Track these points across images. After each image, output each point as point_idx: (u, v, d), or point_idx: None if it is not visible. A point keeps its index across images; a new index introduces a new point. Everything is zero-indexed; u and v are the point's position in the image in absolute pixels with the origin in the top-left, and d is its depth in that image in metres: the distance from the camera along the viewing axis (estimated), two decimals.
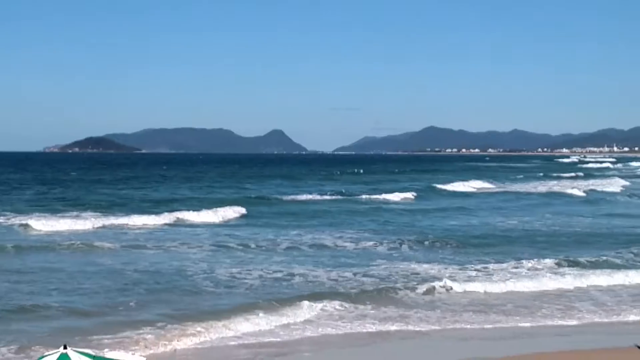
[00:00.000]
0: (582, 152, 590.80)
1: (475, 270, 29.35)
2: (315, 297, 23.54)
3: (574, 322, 22.09)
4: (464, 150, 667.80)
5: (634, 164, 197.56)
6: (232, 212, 49.85)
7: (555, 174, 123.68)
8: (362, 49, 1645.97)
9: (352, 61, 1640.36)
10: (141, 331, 19.38)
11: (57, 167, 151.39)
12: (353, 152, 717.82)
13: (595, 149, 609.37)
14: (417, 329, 21.08)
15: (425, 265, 30.21)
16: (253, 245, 35.44)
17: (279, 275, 27.86)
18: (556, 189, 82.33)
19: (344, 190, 77.08)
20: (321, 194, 71.12)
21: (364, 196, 68.91)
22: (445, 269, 29.55)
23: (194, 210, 48.90)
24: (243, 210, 51.14)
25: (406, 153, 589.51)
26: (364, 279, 27.42)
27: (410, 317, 22.17)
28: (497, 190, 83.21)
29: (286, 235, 39.62)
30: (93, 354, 12.16)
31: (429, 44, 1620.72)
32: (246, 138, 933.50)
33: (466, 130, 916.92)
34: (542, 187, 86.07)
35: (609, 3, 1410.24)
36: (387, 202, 65.19)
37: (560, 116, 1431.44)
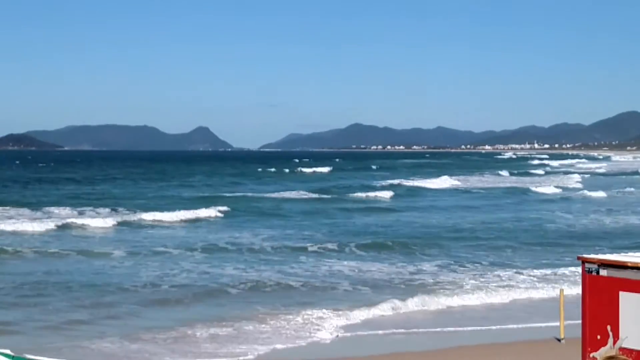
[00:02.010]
0: (504, 148, 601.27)
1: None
2: None
3: (494, 316, 22.39)
4: (389, 147, 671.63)
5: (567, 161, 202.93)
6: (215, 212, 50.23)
7: (515, 171, 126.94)
8: (287, 46, 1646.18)
9: (277, 59, 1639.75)
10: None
11: None
12: (279, 149, 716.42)
13: (517, 146, 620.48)
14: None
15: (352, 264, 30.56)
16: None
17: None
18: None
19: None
20: (292, 191, 71.72)
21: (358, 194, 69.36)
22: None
23: (168, 211, 48.66)
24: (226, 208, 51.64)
25: (332, 150, 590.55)
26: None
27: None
28: (488, 186, 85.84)
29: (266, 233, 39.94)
30: (12, 354, 11.96)
31: (353, 42, 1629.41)
32: (171, 135, 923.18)
33: (391, 127, 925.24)
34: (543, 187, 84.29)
35: (523, 5, 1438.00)
36: (377, 200, 65.66)
37: (483, 114, 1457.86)
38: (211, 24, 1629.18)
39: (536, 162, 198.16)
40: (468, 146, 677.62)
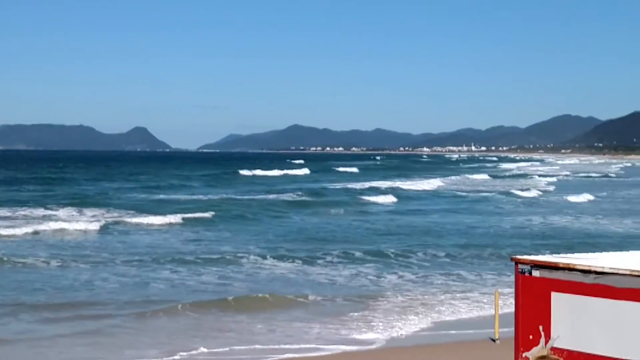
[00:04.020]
0: (442, 150, 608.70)
1: None
2: None
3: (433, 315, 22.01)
4: (328, 148, 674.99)
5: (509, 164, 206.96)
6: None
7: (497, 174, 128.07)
8: (225, 47, 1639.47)
9: (217, 59, 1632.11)
10: None
11: None
12: (218, 150, 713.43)
13: (454, 148, 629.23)
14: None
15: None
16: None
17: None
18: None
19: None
20: (280, 193, 70.71)
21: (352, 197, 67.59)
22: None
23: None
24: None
25: (272, 151, 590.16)
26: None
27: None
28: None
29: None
30: None
31: (292, 42, 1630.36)
32: (108, 135, 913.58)
33: (330, 128, 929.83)
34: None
35: (459, 12, 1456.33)
36: (376, 203, 63.31)
37: (421, 116, 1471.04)
38: (150, 24, 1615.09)
39: (490, 165, 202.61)
40: (407, 148, 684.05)
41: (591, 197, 68.67)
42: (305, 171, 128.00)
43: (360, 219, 49.35)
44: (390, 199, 65.72)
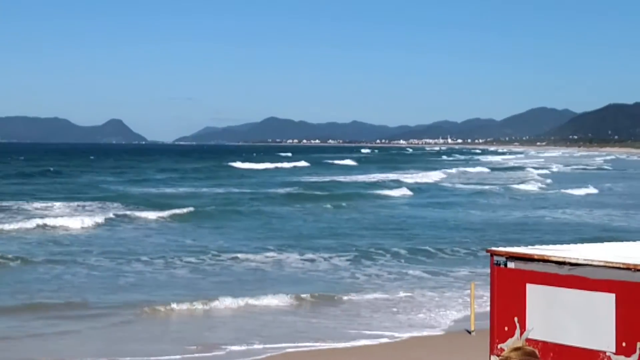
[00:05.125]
0: (419, 142, 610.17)
1: None
2: None
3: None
4: (304, 141, 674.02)
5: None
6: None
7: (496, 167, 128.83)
8: (203, 41, 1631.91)
9: (193, 52, 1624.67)
10: None
11: None
12: (194, 143, 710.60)
13: (431, 141, 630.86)
14: None
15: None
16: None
17: None
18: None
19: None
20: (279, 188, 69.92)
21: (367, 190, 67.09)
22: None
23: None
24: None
25: (248, 144, 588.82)
26: None
27: None
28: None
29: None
30: None
31: (268, 37, 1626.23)
32: (83, 127, 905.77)
33: (307, 121, 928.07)
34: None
35: (435, 5, 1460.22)
36: (390, 196, 63.20)
37: (397, 109, 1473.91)
38: (127, 15, 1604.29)
39: (477, 157, 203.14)
40: (383, 140, 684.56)
41: (594, 190, 68.65)
42: (303, 164, 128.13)
43: (395, 211, 50.29)
44: (404, 191, 66.03)
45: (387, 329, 19.93)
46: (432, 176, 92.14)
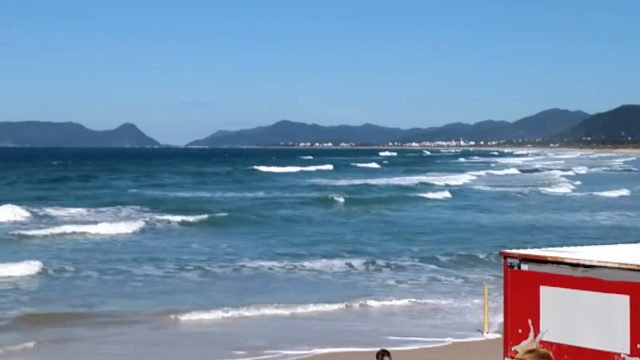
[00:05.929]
0: (432, 145, 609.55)
1: None
2: None
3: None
4: (317, 144, 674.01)
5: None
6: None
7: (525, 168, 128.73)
8: (214, 45, 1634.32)
9: (205, 56, 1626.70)
10: None
11: None
12: (207, 146, 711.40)
13: (443, 143, 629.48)
14: None
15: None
16: None
17: None
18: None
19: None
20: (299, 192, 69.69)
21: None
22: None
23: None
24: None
25: (261, 147, 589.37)
26: None
27: None
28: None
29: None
30: None
31: (280, 37, 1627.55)
32: (97, 132, 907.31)
33: (319, 124, 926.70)
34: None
35: (446, 5, 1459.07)
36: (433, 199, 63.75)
37: (410, 111, 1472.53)
38: (139, 19, 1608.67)
39: (496, 159, 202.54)
40: (396, 143, 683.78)
41: (627, 192, 67.94)
42: (328, 167, 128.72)
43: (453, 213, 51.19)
44: (445, 194, 66.66)
45: (412, 334, 20.04)
46: (461, 179, 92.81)
